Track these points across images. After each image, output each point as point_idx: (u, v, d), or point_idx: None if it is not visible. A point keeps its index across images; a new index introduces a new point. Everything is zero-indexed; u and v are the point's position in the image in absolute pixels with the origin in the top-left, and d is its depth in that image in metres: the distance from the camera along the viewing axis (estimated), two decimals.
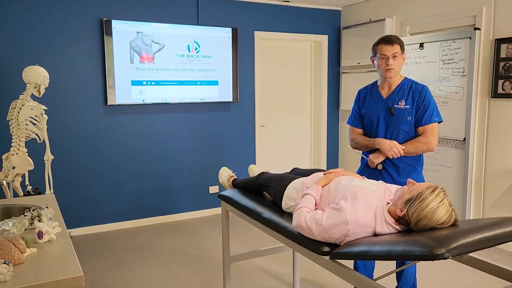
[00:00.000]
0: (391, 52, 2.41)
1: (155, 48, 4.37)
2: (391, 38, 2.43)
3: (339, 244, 1.71)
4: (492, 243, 1.39)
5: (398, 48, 2.42)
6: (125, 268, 3.47)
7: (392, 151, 2.42)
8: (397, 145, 2.42)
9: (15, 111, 3.19)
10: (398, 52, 2.42)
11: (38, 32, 3.94)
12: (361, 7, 5.13)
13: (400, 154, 2.42)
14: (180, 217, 4.77)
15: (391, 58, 2.41)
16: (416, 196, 1.61)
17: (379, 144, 2.47)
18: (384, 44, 2.43)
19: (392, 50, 2.41)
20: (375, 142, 2.50)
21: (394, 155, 2.42)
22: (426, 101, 2.43)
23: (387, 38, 2.44)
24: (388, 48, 2.42)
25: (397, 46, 2.42)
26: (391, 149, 2.42)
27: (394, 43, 2.41)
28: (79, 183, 4.25)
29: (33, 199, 2.26)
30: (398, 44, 2.42)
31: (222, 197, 2.69)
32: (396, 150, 2.41)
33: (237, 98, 4.84)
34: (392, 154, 2.42)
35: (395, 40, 2.42)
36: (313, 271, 3.38)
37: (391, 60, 2.42)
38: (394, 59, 2.42)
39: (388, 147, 2.43)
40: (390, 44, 2.41)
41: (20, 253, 1.43)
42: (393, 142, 2.44)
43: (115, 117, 4.35)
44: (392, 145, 2.42)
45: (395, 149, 2.41)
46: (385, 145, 2.44)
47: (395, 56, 2.42)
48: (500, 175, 3.73)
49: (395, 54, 2.41)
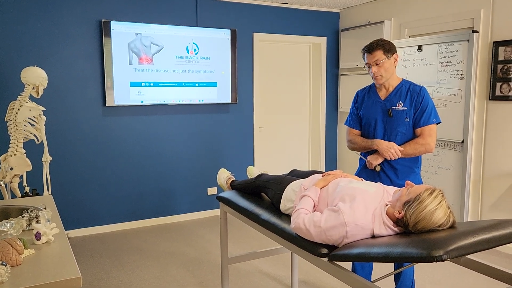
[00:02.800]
0: (372, 60, 2.42)
1: (154, 50, 4.37)
2: (371, 46, 2.42)
3: (337, 246, 1.72)
4: (490, 245, 1.39)
5: (379, 55, 2.40)
6: (123, 269, 3.46)
7: (389, 152, 2.42)
8: (395, 146, 2.42)
9: (13, 112, 3.19)
10: (380, 58, 2.40)
11: (36, 33, 3.94)
12: (359, 10, 5.14)
13: (398, 156, 2.43)
14: (178, 219, 4.77)
15: (373, 66, 2.42)
16: (414, 198, 1.62)
17: (377, 145, 2.47)
18: (365, 52, 2.45)
19: (372, 58, 2.41)
20: (373, 143, 2.50)
21: (391, 156, 2.42)
22: (424, 103, 2.43)
23: (367, 47, 2.44)
24: (368, 57, 2.43)
25: (378, 53, 2.40)
26: (389, 150, 2.42)
27: (374, 51, 2.40)
28: (77, 184, 4.24)
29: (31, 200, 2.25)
30: (379, 50, 2.40)
31: (220, 198, 2.69)
32: (394, 151, 2.41)
33: (235, 100, 4.84)
34: (389, 155, 2.42)
35: (375, 48, 2.40)
36: (311, 273, 3.38)
37: (374, 68, 2.42)
38: (377, 66, 2.41)
39: (385, 148, 2.43)
40: (369, 53, 2.42)
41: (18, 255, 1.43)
42: (391, 143, 2.44)
43: (113, 118, 4.35)
44: (390, 146, 2.42)
45: (392, 150, 2.41)
46: (382, 146, 2.45)
47: (377, 63, 2.41)
48: (498, 177, 3.74)
49: (376, 61, 2.40)
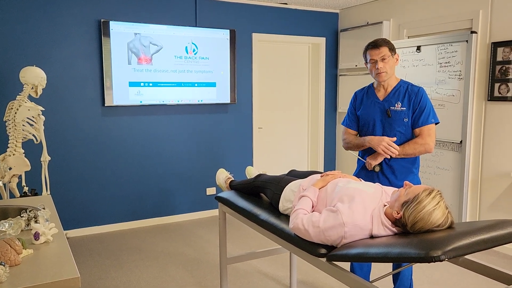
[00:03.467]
0: (378, 56, 2.42)
1: (153, 50, 4.37)
2: (377, 42, 2.43)
3: (336, 246, 1.72)
4: (488, 245, 1.39)
5: (386, 51, 2.41)
6: (121, 269, 3.46)
7: (381, 145, 2.40)
8: (386, 138, 2.41)
9: (12, 111, 3.19)
10: (386, 54, 2.42)
11: (35, 33, 3.94)
12: (358, 10, 5.15)
13: (393, 147, 2.40)
14: (177, 219, 4.77)
15: (379, 62, 2.42)
16: (413, 198, 1.62)
17: (369, 142, 2.47)
18: (371, 49, 2.44)
19: (379, 53, 2.41)
20: (365, 140, 2.50)
21: (384, 149, 2.40)
22: (423, 103, 2.44)
23: (373, 43, 2.44)
24: (375, 52, 2.43)
25: (384, 49, 2.41)
26: (380, 143, 2.40)
27: (381, 46, 2.41)
28: (76, 184, 4.24)
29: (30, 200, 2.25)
30: (385, 47, 2.42)
31: (219, 198, 2.69)
32: (385, 143, 2.39)
33: (234, 100, 4.84)
34: (382, 149, 2.40)
35: (381, 43, 2.42)
36: (310, 273, 3.38)
37: (380, 64, 2.42)
38: (383, 62, 2.42)
39: (377, 142, 2.42)
40: (376, 48, 2.42)
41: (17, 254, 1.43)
42: (381, 137, 2.43)
43: (112, 118, 4.34)
44: (380, 140, 2.42)
45: (383, 142, 2.40)
46: (373, 141, 2.44)
47: (384, 59, 2.42)
48: (497, 178, 3.75)
49: (383, 57, 2.41)
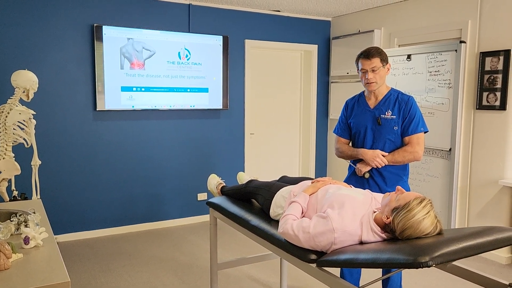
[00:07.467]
0: (369, 67, 2.44)
1: (146, 55, 4.37)
2: (370, 52, 2.44)
3: (326, 251, 1.73)
4: (475, 251, 1.42)
5: (377, 62, 2.43)
6: (111, 275, 3.44)
7: (375, 161, 2.46)
8: (379, 155, 2.46)
9: (3, 115, 3.17)
10: (377, 65, 2.43)
11: (28, 36, 3.92)
12: (350, 18, 5.21)
13: (384, 163, 2.46)
14: (168, 224, 4.75)
15: (369, 72, 2.44)
16: (403, 205, 1.64)
17: (362, 155, 2.52)
18: (363, 58, 2.46)
19: (370, 64, 2.43)
20: (358, 153, 2.55)
21: (378, 164, 2.47)
22: (412, 112, 2.48)
23: (366, 52, 2.45)
24: (366, 63, 2.44)
25: (375, 60, 2.42)
26: (375, 160, 2.46)
27: (372, 57, 2.42)
28: (67, 189, 4.21)
29: (20, 204, 2.24)
30: (377, 58, 2.43)
31: (210, 204, 2.69)
32: (379, 159, 2.45)
33: (227, 106, 4.86)
34: (376, 164, 2.47)
35: (373, 54, 2.43)
36: (300, 279, 3.39)
37: (370, 74, 2.44)
38: (373, 72, 2.44)
39: (370, 157, 2.48)
40: (367, 59, 2.43)
41: (6, 259, 1.42)
42: (375, 152, 2.47)
43: (104, 123, 4.33)
44: (375, 155, 2.47)
45: (378, 158, 2.46)
46: (367, 155, 2.49)
47: (374, 70, 2.43)
48: (485, 185, 3.80)
49: (374, 68, 2.43)
